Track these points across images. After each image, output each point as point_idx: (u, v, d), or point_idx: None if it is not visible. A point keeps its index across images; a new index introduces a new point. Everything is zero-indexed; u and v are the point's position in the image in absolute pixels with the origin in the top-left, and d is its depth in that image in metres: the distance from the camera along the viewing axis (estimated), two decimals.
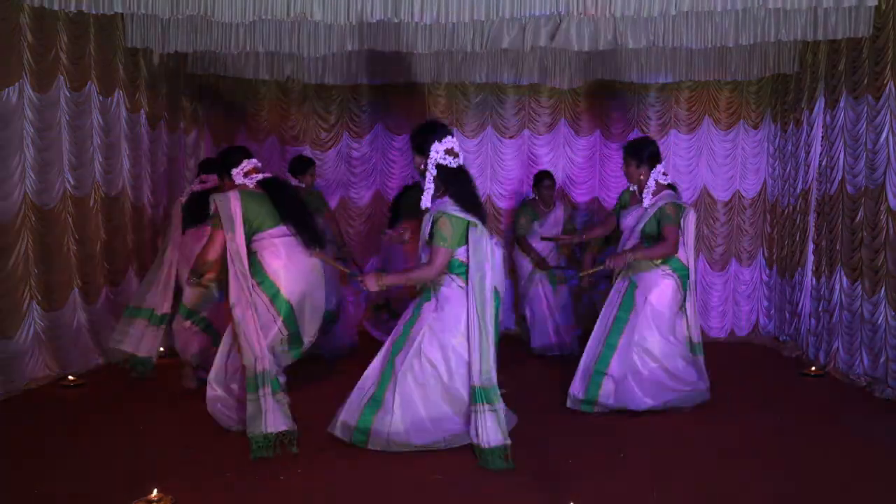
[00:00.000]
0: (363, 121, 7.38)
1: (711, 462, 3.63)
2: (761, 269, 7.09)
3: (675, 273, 4.47)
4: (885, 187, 4.99)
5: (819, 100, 5.98)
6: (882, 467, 3.59)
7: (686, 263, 4.54)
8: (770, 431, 4.14)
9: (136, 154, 5.96)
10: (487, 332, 3.54)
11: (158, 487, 3.03)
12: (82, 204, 5.33)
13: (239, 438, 3.90)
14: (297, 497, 3.18)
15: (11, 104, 4.63)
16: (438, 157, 3.63)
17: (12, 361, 4.67)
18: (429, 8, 4.51)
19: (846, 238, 5.52)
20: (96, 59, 5.41)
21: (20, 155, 4.72)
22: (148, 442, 3.85)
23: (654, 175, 4.47)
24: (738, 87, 6.99)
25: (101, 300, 5.54)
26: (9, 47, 4.59)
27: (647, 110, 7.15)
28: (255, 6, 4.48)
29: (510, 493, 3.23)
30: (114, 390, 4.89)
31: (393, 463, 3.57)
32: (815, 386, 5.26)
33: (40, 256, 4.92)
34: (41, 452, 3.65)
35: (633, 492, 3.26)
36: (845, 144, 5.55)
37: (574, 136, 7.19)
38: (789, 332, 6.52)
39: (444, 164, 3.64)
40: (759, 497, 3.21)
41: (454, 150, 3.68)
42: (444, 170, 3.64)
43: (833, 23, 4.92)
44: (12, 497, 3.11)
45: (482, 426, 3.49)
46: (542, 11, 4.43)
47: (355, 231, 7.33)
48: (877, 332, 5.04)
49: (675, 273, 4.47)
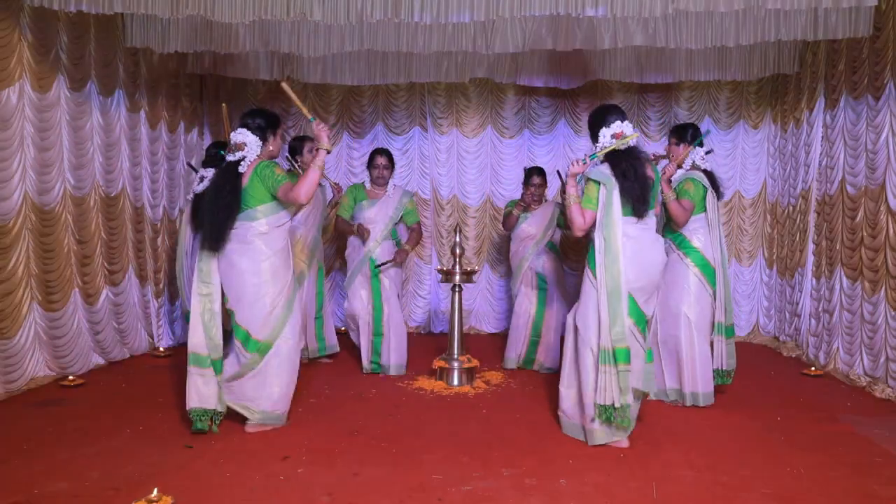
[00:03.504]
0: (363, 121, 7.39)
1: (711, 461, 3.63)
2: (761, 269, 7.09)
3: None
4: (885, 187, 4.99)
5: (819, 100, 5.98)
6: (882, 467, 3.59)
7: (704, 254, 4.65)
8: (770, 431, 4.14)
9: (136, 154, 5.96)
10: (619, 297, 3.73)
11: (158, 487, 3.03)
12: (82, 204, 5.33)
13: (239, 438, 3.92)
14: (298, 497, 3.18)
15: (11, 104, 4.62)
16: (605, 140, 3.87)
17: (12, 361, 4.68)
18: (429, 8, 4.51)
19: (846, 238, 5.52)
20: (96, 59, 5.41)
21: (20, 155, 4.72)
22: (148, 442, 3.85)
23: (693, 155, 4.72)
24: (738, 87, 7.00)
25: (101, 300, 5.54)
26: (9, 47, 4.59)
27: (647, 110, 7.16)
28: (255, 6, 4.47)
29: (510, 493, 3.23)
30: (114, 390, 4.89)
31: (393, 463, 3.58)
32: (815, 386, 5.26)
33: (40, 256, 4.93)
34: (41, 452, 3.65)
35: (633, 491, 3.26)
36: (845, 144, 5.55)
37: (574, 136, 7.19)
38: (789, 332, 6.52)
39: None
40: (758, 496, 3.21)
41: (624, 134, 3.85)
42: (612, 153, 3.86)
43: (833, 23, 4.92)
44: (12, 497, 3.10)
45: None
46: (542, 11, 4.43)
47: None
48: (877, 332, 5.04)
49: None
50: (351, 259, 5.60)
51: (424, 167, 7.39)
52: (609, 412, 3.71)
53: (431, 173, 7.38)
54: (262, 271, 3.91)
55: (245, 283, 3.91)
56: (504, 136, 7.31)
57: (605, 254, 3.76)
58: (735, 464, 3.60)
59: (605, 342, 3.71)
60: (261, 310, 3.91)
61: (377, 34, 5.43)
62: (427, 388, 5.10)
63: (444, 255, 7.32)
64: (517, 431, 4.13)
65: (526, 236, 5.71)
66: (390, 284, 5.52)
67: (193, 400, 3.93)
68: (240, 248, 3.91)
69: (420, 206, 7.28)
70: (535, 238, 5.66)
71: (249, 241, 3.91)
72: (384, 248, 5.48)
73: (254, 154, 3.96)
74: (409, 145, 7.40)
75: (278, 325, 3.96)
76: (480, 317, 7.39)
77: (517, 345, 5.74)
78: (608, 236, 3.75)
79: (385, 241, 5.50)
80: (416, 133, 7.38)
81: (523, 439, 3.98)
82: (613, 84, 7.09)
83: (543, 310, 5.69)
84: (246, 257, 3.91)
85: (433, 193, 7.38)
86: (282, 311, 3.96)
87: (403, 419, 4.36)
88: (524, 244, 5.72)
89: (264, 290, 3.91)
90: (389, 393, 4.97)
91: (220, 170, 4.06)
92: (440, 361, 5.25)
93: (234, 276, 3.92)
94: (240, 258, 3.91)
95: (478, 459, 3.63)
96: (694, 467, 3.56)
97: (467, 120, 7.34)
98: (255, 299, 3.91)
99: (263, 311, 3.91)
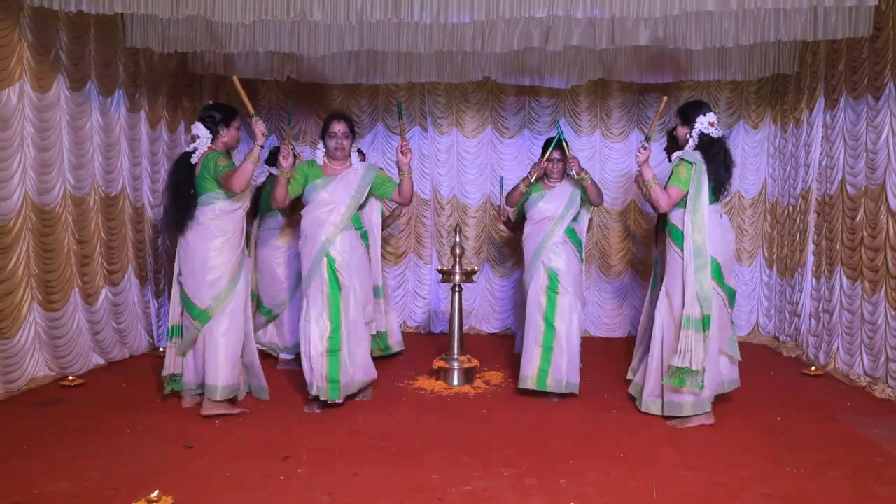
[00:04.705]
0: (363, 121, 7.39)
1: (711, 461, 3.64)
2: (761, 269, 7.09)
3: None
4: (885, 187, 4.99)
5: (819, 100, 5.98)
6: (882, 467, 3.59)
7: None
8: (770, 431, 4.15)
9: (136, 154, 5.96)
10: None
11: (158, 487, 3.03)
12: (82, 204, 5.33)
13: (239, 438, 3.92)
14: (298, 497, 3.18)
15: (11, 104, 4.63)
16: (702, 126, 4.25)
17: (12, 361, 4.68)
18: (429, 8, 4.51)
19: (846, 238, 5.52)
20: (96, 59, 5.41)
21: (20, 155, 4.72)
22: (148, 442, 3.85)
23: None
24: (738, 87, 6.99)
25: (100, 300, 5.54)
26: (9, 47, 4.59)
27: (648, 110, 7.16)
28: (255, 6, 4.47)
29: (510, 493, 3.23)
30: (114, 390, 4.89)
31: (393, 463, 3.58)
32: (815, 386, 5.26)
33: (40, 256, 4.93)
34: (41, 452, 3.65)
35: (633, 491, 3.26)
36: (845, 144, 5.55)
37: (574, 136, 7.19)
38: (789, 332, 6.52)
39: (706, 133, 4.26)
40: (758, 496, 3.21)
41: (715, 123, 4.29)
42: (705, 137, 4.25)
43: (833, 23, 4.92)
44: (12, 497, 3.10)
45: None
46: (542, 12, 4.43)
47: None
48: (877, 332, 5.04)
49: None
50: (302, 255, 4.54)
51: (424, 167, 7.39)
52: (683, 374, 4.07)
53: (431, 173, 7.38)
54: (209, 248, 4.28)
55: (194, 254, 4.29)
56: (504, 136, 7.31)
57: (693, 231, 4.15)
58: (735, 464, 3.60)
59: (691, 310, 4.11)
60: (202, 277, 4.27)
61: (377, 34, 5.43)
62: (427, 388, 5.10)
63: (444, 255, 7.32)
64: (517, 431, 4.13)
65: (543, 217, 4.90)
66: (356, 298, 4.47)
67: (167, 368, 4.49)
68: (194, 227, 4.30)
69: (420, 206, 7.28)
70: (555, 217, 4.85)
71: (202, 223, 4.29)
72: (345, 238, 4.45)
73: (204, 146, 4.33)
74: (409, 145, 7.37)
75: (220, 296, 4.28)
76: (480, 317, 7.39)
77: (533, 367, 4.80)
78: (696, 215, 4.16)
79: (346, 231, 4.46)
80: (416, 133, 7.38)
81: (523, 439, 3.98)
82: (613, 84, 7.09)
83: (554, 316, 4.79)
84: (198, 234, 4.29)
85: (433, 193, 7.38)
86: (225, 284, 4.29)
87: (403, 419, 4.36)
88: (541, 226, 4.90)
89: (210, 263, 4.27)
90: (389, 393, 4.97)
91: (175, 161, 4.53)
92: (440, 361, 5.25)
93: (186, 251, 4.34)
94: (192, 235, 4.31)
95: (478, 459, 3.63)
96: (694, 467, 3.56)
97: (467, 120, 7.34)
98: (200, 269, 4.27)
99: (205, 278, 4.27)
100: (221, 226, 4.29)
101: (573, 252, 4.88)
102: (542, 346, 4.78)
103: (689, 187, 4.19)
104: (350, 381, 4.46)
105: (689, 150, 4.31)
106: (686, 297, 4.15)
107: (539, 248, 4.87)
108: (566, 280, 4.80)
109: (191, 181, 4.27)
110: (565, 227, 4.87)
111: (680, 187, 4.21)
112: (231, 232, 4.32)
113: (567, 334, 4.76)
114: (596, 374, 5.47)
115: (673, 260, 4.31)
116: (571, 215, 4.88)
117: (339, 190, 4.48)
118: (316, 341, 4.39)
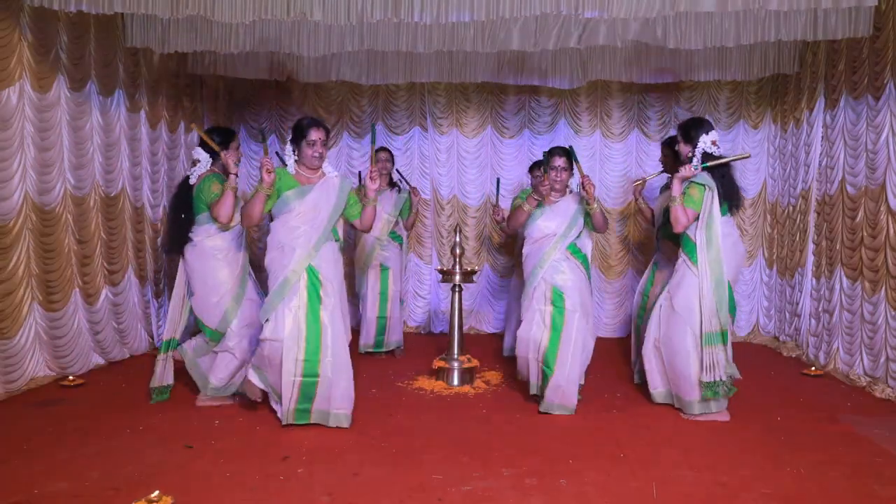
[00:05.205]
0: (363, 121, 7.39)
1: (711, 461, 3.63)
2: (761, 269, 7.09)
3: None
4: (885, 187, 5.00)
5: (819, 100, 5.98)
6: (882, 467, 3.59)
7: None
8: (770, 431, 4.14)
9: (136, 154, 5.96)
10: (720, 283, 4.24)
11: (158, 487, 3.03)
12: (82, 204, 5.34)
13: (239, 438, 3.92)
14: (298, 497, 3.18)
15: (11, 104, 4.63)
16: (705, 146, 4.31)
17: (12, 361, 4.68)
18: (429, 8, 4.51)
19: (846, 238, 5.52)
20: (96, 59, 5.41)
21: (20, 155, 4.72)
22: (148, 442, 3.85)
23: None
24: (738, 87, 7.00)
25: (100, 300, 5.54)
26: (9, 47, 4.59)
27: (648, 110, 7.17)
28: (255, 6, 4.47)
29: (510, 493, 3.23)
30: (114, 390, 4.89)
31: (393, 463, 3.58)
32: (815, 386, 5.26)
33: (41, 256, 4.93)
34: (41, 452, 3.65)
35: (633, 491, 3.26)
36: (845, 144, 5.55)
37: (574, 136, 7.19)
38: (789, 332, 6.52)
39: (709, 153, 4.31)
40: (758, 496, 3.21)
41: (717, 142, 4.35)
42: (709, 157, 4.31)
43: (833, 23, 4.92)
44: (12, 497, 3.10)
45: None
46: (542, 11, 4.43)
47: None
48: (877, 332, 5.04)
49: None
50: (273, 269, 4.09)
51: (424, 167, 7.39)
52: (716, 387, 4.21)
53: (431, 173, 7.38)
54: (207, 267, 4.43)
55: (196, 275, 4.45)
56: (504, 136, 7.31)
57: (708, 249, 4.24)
58: (735, 464, 3.60)
59: (711, 326, 4.20)
60: (207, 298, 4.45)
61: (377, 34, 5.43)
62: (427, 388, 5.10)
63: (444, 255, 7.32)
64: (517, 431, 4.13)
65: (543, 235, 4.60)
66: (333, 308, 4.08)
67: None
68: (191, 248, 4.45)
69: (420, 206, 7.28)
70: (556, 235, 4.55)
71: (198, 244, 4.44)
72: (326, 251, 4.10)
73: (202, 169, 4.44)
74: (410, 145, 7.41)
75: (226, 314, 4.44)
76: (480, 317, 7.39)
77: (533, 378, 4.62)
78: (710, 233, 4.23)
79: (328, 242, 4.12)
80: (416, 133, 7.38)
81: (523, 439, 3.98)
82: (613, 84, 7.09)
83: (559, 337, 4.47)
84: (196, 255, 4.44)
85: (433, 193, 7.38)
86: (229, 301, 4.45)
87: (403, 419, 4.36)
88: (540, 245, 4.60)
89: (211, 282, 4.43)
90: (389, 393, 4.97)
91: (178, 184, 4.73)
92: (440, 361, 5.25)
93: (191, 274, 4.48)
94: (191, 256, 4.45)
95: (478, 459, 3.63)
96: (694, 467, 3.56)
97: (467, 120, 7.34)
98: (203, 289, 4.45)
99: (210, 299, 4.44)
100: (217, 244, 4.44)
101: (578, 268, 4.56)
102: (541, 364, 4.50)
103: (701, 208, 4.25)
104: (326, 410, 4.08)
105: (695, 170, 4.28)
106: (704, 313, 4.21)
107: (537, 267, 4.55)
108: (572, 297, 4.48)
109: (189, 203, 4.43)
110: (567, 245, 4.56)
111: (695, 208, 4.27)
112: (227, 249, 4.48)
113: (571, 362, 4.42)
114: (596, 374, 5.46)
115: (685, 270, 4.34)
116: (574, 235, 4.57)
117: (321, 199, 4.13)
118: (289, 364, 3.99)
